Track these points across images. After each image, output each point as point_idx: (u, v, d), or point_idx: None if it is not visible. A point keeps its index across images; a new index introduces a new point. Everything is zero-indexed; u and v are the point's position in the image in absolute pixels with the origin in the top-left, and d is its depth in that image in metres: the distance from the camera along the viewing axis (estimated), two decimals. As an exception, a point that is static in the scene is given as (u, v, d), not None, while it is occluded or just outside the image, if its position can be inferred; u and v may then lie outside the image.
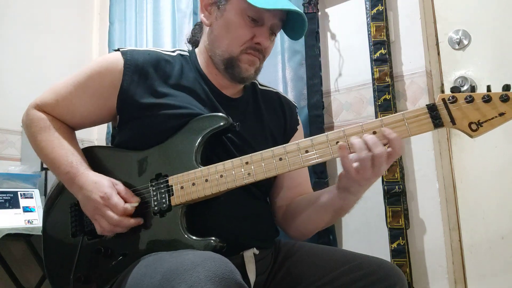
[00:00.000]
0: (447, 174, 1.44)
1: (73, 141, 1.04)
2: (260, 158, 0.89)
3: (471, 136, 0.82)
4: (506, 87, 0.80)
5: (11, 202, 1.69)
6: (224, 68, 1.03)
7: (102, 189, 0.91)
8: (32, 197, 1.75)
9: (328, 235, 1.50)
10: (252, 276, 0.95)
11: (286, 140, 1.14)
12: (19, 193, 1.72)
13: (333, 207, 0.99)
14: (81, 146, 1.06)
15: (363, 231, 1.51)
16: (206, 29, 1.08)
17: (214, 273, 0.69)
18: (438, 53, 1.51)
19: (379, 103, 1.43)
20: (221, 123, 0.94)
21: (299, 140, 0.89)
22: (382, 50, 1.46)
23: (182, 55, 1.10)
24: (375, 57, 1.47)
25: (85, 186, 0.93)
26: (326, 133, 0.88)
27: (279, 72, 1.69)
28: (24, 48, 2.22)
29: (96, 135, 2.41)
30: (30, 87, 2.15)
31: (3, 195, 1.68)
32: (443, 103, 0.83)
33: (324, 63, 1.64)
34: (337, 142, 0.86)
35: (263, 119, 1.12)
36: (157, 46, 2.09)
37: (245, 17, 0.99)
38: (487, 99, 0.80)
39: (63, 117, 1.05)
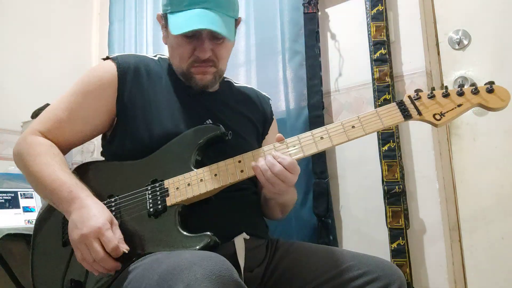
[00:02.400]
0: (447, 174, 1.44)
1: (69, 169, 1.03)
2: (251, 156, 0.96)
3: (435, 126, 0.96)
4: (460, 85, 0.97)
5: (11, 202, 1.68)
6: (184, 81, 1.09)
7: (102, 220, 0.86)
8: (32, 197, 1.75)
9: (328, 235, 1.50)
10: (241, 262, 0.97)
11: (265, 129, 1.23)
12: (19, 193, 1.72)
13: (275, 205, 1.10)
14: (81, 149, 1.07)
15: (363, 231, 1.51)
16: None
17: (211, 272, 0.69)
18: (438, 53, 1.51)
19: (379, 103, 1.43)
20: (215, 132, 1.00)
21: (287, 138, 0.97)
22: (382, 50, 1.46)
23: (162, 59, 1.16)
24: (375, 57, 1.47)
25: (84, 210, 0.89)
26: (310, 131, 0.97)
27: (279, 72, 1.69)
28: (24, 48, 2.22)
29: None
30: (30, 87, 2.15)
31: (3, 195, 1.68)
32: (409, 100, 0.97)
33: (324, 63, 1.64)
34: (322, 138, 0.96)
35: (242, 109, 1.18)
36: (156, 46, 2.10)
37: (182, 36, 1.03)
38: (445, 94, 0.96)
39: (61, 137, 1.04)
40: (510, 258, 1.33)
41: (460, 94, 0.95)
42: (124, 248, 0.86)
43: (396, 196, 1.39)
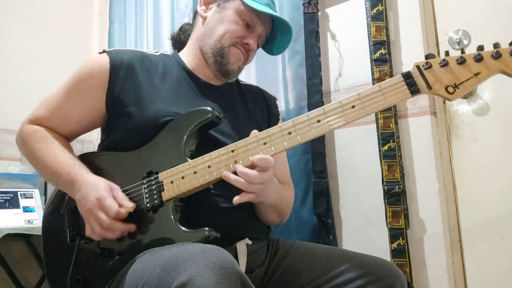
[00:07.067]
0: (447, 174, 1.44)
1: (70, 149, 1.06)
2: (245, 144, 0.91)
3: (449, 100, 0.83)
4: (479, 48, 0.81)
5: (11, 202, 1.68)
6: (213, 58, 1.10)
7: (99, 191, 0.92)
8: (32, 197, 1.75)
9: (328, 235, 1.50)
10: (242, 269, 0.96)
11: None
12: (19, 193, 1.72)
13: (266, 209, 1.05)
14: (81, 146, 1.08)
15: (363, 231, 1.51)
16: (199, 21, 1.15)
17: (213, 263, 0.70)
18: (438, 53, 1.51)
19: (379, 103, 1.43)
20: (207, 116, 0.96)
21: (281, 123, 0.91)
22: (382, 50, 1.46)
23: (165, 55, 1.16)
24: (375, 57, 1.47)
25: (83, 188, 0.94)
26: (306, 113, 0.90)
27: (279, 72, 1.69)
28: (24, 48, 2.22)
29: (96, 135, 2.41)
30: (30, 87, 2.15)
31: (3, 195, 1.68)
32: (417, 70, 0.84)
33: (324, 63, 1.64)
34: (318, 121, 0.88)
35: (249, 106, 1.17)
36: (157, 46, 2.09)
37: (241, 19, 1.10)
38: (461, 61, 0.81)
39: (58, 126, 1.07)
40: (510, 258, 1.33)
41: (479, 59, 0.80)
42: (127, 208, 0.90)
43: (396, 196, 1.39)
